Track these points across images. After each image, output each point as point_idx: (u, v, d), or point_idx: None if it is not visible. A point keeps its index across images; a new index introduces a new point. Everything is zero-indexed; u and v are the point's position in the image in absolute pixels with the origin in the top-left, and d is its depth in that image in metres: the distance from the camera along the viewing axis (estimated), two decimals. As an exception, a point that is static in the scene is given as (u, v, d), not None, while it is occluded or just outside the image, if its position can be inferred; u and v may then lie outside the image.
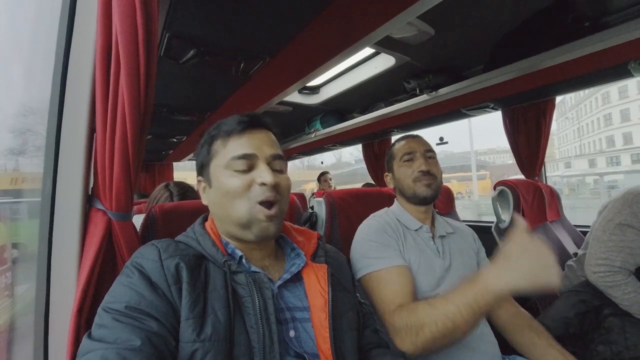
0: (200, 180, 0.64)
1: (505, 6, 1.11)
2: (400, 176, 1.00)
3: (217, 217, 0.61)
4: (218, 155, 0.60)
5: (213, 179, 0.60)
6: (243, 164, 0.57)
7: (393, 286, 0.82)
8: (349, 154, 16.55)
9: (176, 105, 1.85)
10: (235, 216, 0.56)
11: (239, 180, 0.56)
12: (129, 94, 0.55)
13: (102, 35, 0.56)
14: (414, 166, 0.97)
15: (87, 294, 0.56)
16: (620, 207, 1.15)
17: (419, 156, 0.98)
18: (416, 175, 0.96)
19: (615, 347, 1.06)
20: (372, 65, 1.62)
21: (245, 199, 0.56)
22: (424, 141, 1.02)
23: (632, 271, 1.10)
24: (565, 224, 1.91)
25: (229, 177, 0.57)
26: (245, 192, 0.56)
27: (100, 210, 0.61)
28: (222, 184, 0.57)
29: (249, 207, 0.56)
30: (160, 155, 3.56)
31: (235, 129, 0.59)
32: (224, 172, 0.58)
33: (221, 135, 0.60)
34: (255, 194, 0.56)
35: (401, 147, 1.03)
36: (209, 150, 0.61)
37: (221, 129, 0.61)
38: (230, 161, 0.57)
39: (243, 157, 0.57)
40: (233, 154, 0.57)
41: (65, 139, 0.60)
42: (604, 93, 21.95)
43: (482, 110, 1.93)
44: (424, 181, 0.95)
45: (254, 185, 0.56)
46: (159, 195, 1.19)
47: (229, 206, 0.57)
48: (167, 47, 1.12)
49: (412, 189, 0.97)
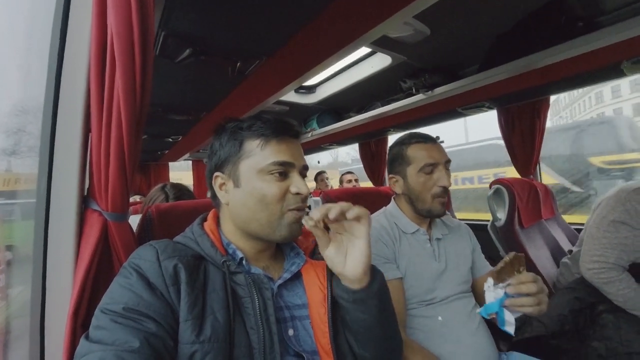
0: (218, 176, 0.61)
1: (500, 6, 1.12)
2: (417, 187, 0.92)
3: (239, 217, 0.59)
4: (253, 157, 0.58)
5: (243, 180, 0.58)
6: (281, 170, 0.58)
7: None
8: (345, 153, 16.59)
9: (172, 105, 1.83)
10: (265, 220, 0.57)
11: (276, 187, 0.57)
12: (125, 94, 0.55)
13: (97, 34, 0.55)
14: (434, 178, 0.90)
15: (83, 296, 0.55)
16: (614, 205, 1.17)
17: (442, 169, 0.90)
18: (436, 191, 0.89)
19: (609, 342, 1.07)
20: (369, 65, 1.62)
21: (279, 205, 0.57)
22: (442, 149, 0.94)
23: (625, 268, 1.12)
24: (559, 221, 1.94)
25: (267, 183, 0.57)
26: (280, 200, 0.57)
27: (96, 211, 0.60)
28: (258, 188, 0.57)
29: (281, 213, 0.57)
30: (156, 155, 3.54)
31: (277, 135, 0.59)
32: (260, 175, 0.57)
33: (257, 136, 0.59)
34: (288, 203, 0.58)
35: (422, 154, 0.92)
36: (240, 148, 0.59)
37: (255, 129, 0.59)
38: (270, 166, 0.57)
39: (283, 165, 0.58)
40: (274, 159, 0.57)
41: (60, 140, 0.59)
42: (597, 92, 22.19)
43: (478, 109, 1.95)
44: (441, 199, 0.89)
45: (288, 194, 0.58)
46: (154, 197, 1.18)
47: (261, 210, 0.57)
48: (162, 46, 1.12)
49: (429, 205, 0.91)
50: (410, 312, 0.87)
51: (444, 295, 0.89)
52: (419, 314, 0.87)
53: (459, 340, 0.83)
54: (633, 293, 1.07)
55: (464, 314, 0.88)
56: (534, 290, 0.64)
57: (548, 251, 1.64)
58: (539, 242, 1.62)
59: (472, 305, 0.92)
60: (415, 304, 0.88)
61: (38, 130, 0.74)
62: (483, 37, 1.30)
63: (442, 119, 2.24)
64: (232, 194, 0.60)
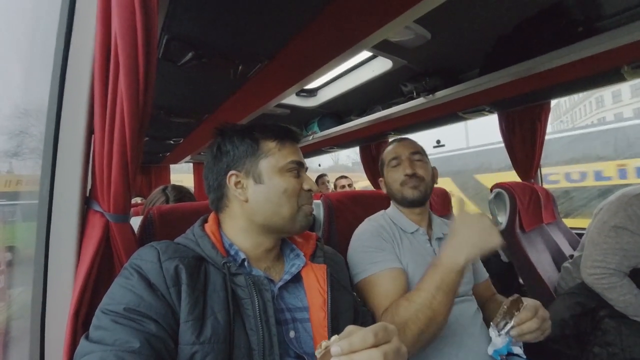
0: (234, 175, 0.62)
1: (500, 11, 1.12)
2: (389, 181, 1.03)
3: (262, 212, 0.61)
4: (273, 156, 0.63)
5: (265, 176, 0.62)
6: (297, 168, 0.64)
7: (385, 289, 0.83)
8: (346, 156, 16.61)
9: (174, 107, 1.84)
10: (288, 213, 0.62)
11: (295, 183, 0.63)
12: (128, 96, 0.55)
13: (101, 37, 0.56)
14: (400, 170, 0.99)
15: (84, 296, 0.55)
16: (615, 210, 1.17)
17: (404, 159, 1.00)
18: (402, 179, 0.98)
19: (611, 348, 1.06)
20: (370, 68, 1.63)
21: (296, 199, 0.63)
22: (410, 144, 1.04)
23: (626, 273, 1.12)
24: (560, 226, 1.93)
25: (288, 179, 0.62)
26: (298, 195, 0.63)
27: (98, 212, 0.60)
28: (281, 183, 0.62)
29: (298, 206, 0.63)
30: (157, 158, 3.54)
31: (289, 137, 0.66)
32: (281, 172, 0.62)
33: (272, 138, 0.64)
34: (303, 198, 0.64)
35: (388, 152, 1.06)
36: (258, 146, 0.63)
37: (269, 132, 0.64)
38: (289, 164, 0.63)
39: (298, 164, 0.64)
40: (292, 159, 0.63)
41: (64, 141, 0.60)
42: (597, 97, 22.21)
43: (479, 113, 1.95)
44: (410, 184, 0.97)
45: (302, 190, 0.64)
46: (155, 199, 1.19)
47: (284, 203, 0.61)
48: (165, 49, 1.12)
49: (400, 193, 0.99)
50: None
51: None
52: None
53: (461, 343, 0.83)
54: (634, 299, 1.07)
55: (466, 317, 0.88)
56: (534, 327, 0.71)
57: (549, 255, 1.63)
58: (540, 247, 1.62)
59: (475, 309, 0.92)
60: None
61: (40, 132, 0.74)
62: (483, 41, 1.31)
63: (443, 123, 2.25)
64: (253, 190, 0.62)
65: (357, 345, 0.36)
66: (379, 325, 0.38)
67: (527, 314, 0.72)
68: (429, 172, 1.01)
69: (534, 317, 0.72)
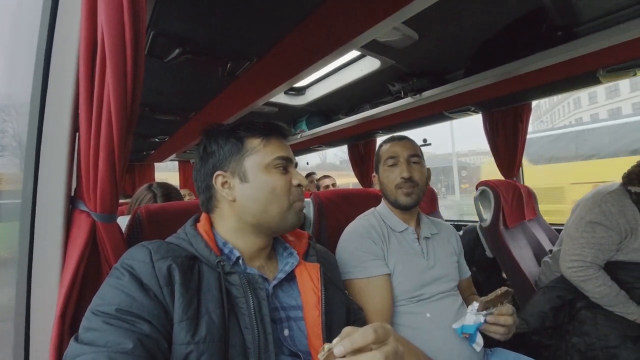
0: (220, 175, 0.62)
1: (485, 14, 1.16)
2: (384, 180, 1.01)
3: (249, 212, 0.61)
4: (257, 153, 0.61)
5: (251, 175, 0.61)
6: (283, 165, 0.62)
7: (371, 298, 0.85)
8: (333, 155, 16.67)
9: (159, 105, 1.80)
10: (277, 211, 0.61)
11: (283, 179, 0.62)
12: (116, 94, 0.54)
13: (87, 32, 0.55)
14: (396, 172, 0.97)
15: (70, 298, 0.54)
16: (591, 206, 1.22)
17: (402, 162, 0.97)
18: (398, 181, 0.96)
19: (588, 338, 1.12)
20: (358, 68, 1.64)
21: (286, 196, 0.61)
22: (409, 145, 1.01)
23: (601, 266, 1.18)
24: (541, 222, 2.01)
25: (275, 176, 0.61)
26: (287, 191, 0.62)
27: (84, 211, 0.59)
28: (267, 181, 0.60)
29: (289, 204, 0.62)
30: (141, 156, 3.46)
31: (275, 133, 0.64)
32: (267, 170, 0.61)
33: (257, 135, 0.63)
34: (293, 194, 0.62)
35: (386, 150, 1.03)
36: (243, 145, 0.62)
37: (255, 130, 0.63)
38: (275, 160, 0.61)
39: (285, 160, 0.63)
40: (278, 154, 0.62)
41: (47, 139, 0.58)
42: (575, 98, 23.11)
43: (464, 113, 2.00)
44: (404, 189, 0.96)
45: (292, 186, 0.63)
46: (141, 197, 1.16)
47: (272, 201, 0.60)
48: (151, 45, 1.10)
49: (394, 196, 0.98)
50: (399, 309, 0.89)
51: (432, 293, 0.91)
52: (407, 310, 0.89)
53: (446, 336, 0.85)
54: (608, 290, 1.13)
55: (452, 311, 0.90)
56: (509, 323, 0.76)
57: (531, 251, 1.69)
58: (522, 242, 1.68)
59: (460, 303, 0.95)
60: (404, 301, 0.89)
61: (13, 128, 0.71)
62: (469, 43, 1.34)
63: (429, 122, 2.29)
64: (239, 189, 0.61)
65: (359, 342, 0.36)
66: (377, 324, 0.39)
67: (508, 311, 0.78)
68: (423, 175, 1.00)
69: (510, 317, 0.78)
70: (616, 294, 1.12)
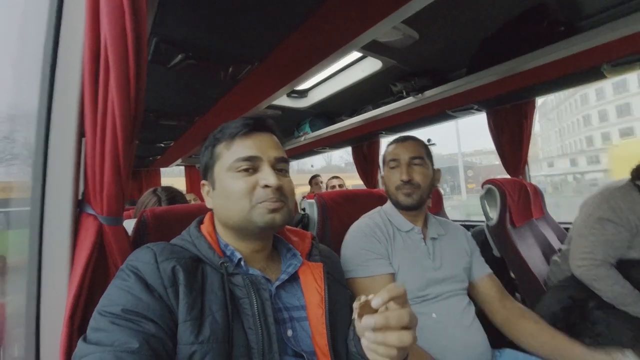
0: (204, 184, 0.65)
1: (485, 11, 1.16)
2: (387, 181, 1.03)
3: (221, 220, 0.62)
4: (222, 158, 0.60)
5: (217, 182, 0.60)
6: (247, 165, 0.57)
7: None
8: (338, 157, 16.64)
9: (163, 110, 1.83)
10: (237, 216, 0.57)
11: (242, 182, 0.57)
12: (119, 99, 0.55)
13: (91, 40, 0.56)
14: (397, 174, 0.98)
15: (79, 300, 0.55)
16: (599, 202, 1.20)
17: (403, 164, 0.97)
18: (398, 183, 0.97)
19: (601, 339, 1.09)
20: (360, 69, 1.65)
21: (247, 200, 0.56)
22: (412, 146, 0.99)
23: (613, 264, 1.15)
24: (549, 220, 1.98)
25: (233, 179, 0.57)
26: (249, 194, 0.56)
27: (91, 215, 0.60)
28: (226, 186, 0.58)
29: (250, 207, 0.56)
30: (147, 161, 3.50)
31: (240, 132, 0.59)
32: (228, 174, 0.58)
33: (225, 138, 0.60)
34: (258, 197, 0.56)
35: (389, 152, 1.03)
36: (213, 152, 0.62)
37: (225, 132, 0.61)
38: (234, 163, 0.57)
39: (247, 159, 0.57)
40: (237, 156, 0.58)
41: (54, 144, 0.59)
42: (582, 95, 22.80)
43: (467, 111, 1.99)
44: (404, 190, 0.96)
45: (257, 187, 0.57)
46: (146, 201, 1.18)
47: (231, 208, 0.57)
48: (154, 52, 1.12)
49: (395, 196, 0.99)
50: None
51: (438, 293, 0.90)
52: (412, 310, 0.88)
53: (453, 336, 0.85)
54: (621, 289, 1.10)
55: (458, 311, 0.90)
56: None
57: (539, 250, 1.67)
58: (530, 241, 1.65)
59: (466, 302, 0.94)
60: (409, 300, 0.89)
61: (24, 137, 0.73)
62: (470, 41, 1.34)
63: (433, 122, 2.28)
64: (213, 197, 0.62)
65: (393, 323, 0.37)
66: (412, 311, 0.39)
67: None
68: (427, 177, 0.98)
69: None
70: (629, 293, 1.09)
